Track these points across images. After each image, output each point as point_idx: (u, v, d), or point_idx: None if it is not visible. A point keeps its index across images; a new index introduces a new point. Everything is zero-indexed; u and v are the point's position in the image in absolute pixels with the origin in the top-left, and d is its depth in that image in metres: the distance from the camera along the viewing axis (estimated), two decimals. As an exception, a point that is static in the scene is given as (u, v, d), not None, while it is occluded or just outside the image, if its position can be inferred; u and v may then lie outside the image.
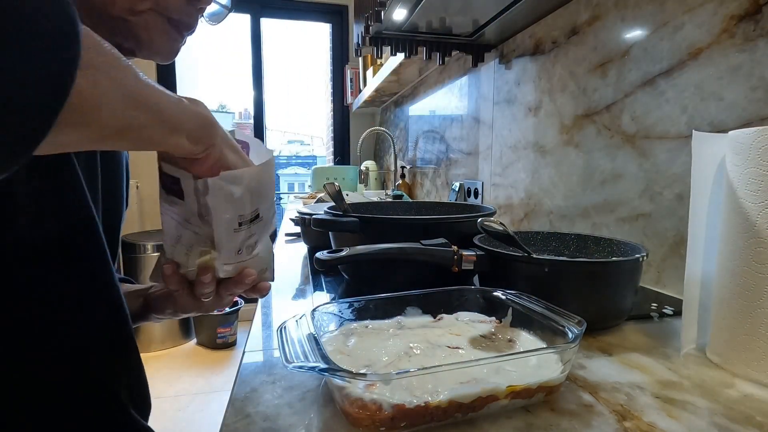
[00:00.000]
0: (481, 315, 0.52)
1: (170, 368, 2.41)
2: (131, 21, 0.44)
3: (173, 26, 0.47)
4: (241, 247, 0.41)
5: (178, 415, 2.00)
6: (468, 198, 1.51)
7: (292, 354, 0.37)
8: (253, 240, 0.42)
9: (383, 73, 1.95)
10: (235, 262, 0.42)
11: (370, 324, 0.50)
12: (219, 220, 0.37)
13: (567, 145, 0.98)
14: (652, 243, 0.75)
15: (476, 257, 0.60)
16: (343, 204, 0.82)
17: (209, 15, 0.53)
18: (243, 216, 0.39)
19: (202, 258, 0.42)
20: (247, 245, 0.42)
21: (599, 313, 0.54)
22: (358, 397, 0.34)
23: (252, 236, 0.41)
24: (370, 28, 1.16)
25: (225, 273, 0.42)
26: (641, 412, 0.38)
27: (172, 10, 0.45)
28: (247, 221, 0.40)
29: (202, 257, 0.42)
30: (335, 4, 3.21)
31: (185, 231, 0.40)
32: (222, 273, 0.42)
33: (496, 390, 0.36)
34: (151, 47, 0.47)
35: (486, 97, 1.39)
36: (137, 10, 0.43)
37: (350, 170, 2.70)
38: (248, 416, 0.38)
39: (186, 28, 0.49)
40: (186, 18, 0.47)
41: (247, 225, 0.40)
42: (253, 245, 0.42)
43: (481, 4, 1.01)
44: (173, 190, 0.38)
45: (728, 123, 0.62)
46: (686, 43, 0.69)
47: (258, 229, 0.41)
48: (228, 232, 0.39)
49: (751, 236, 0.43)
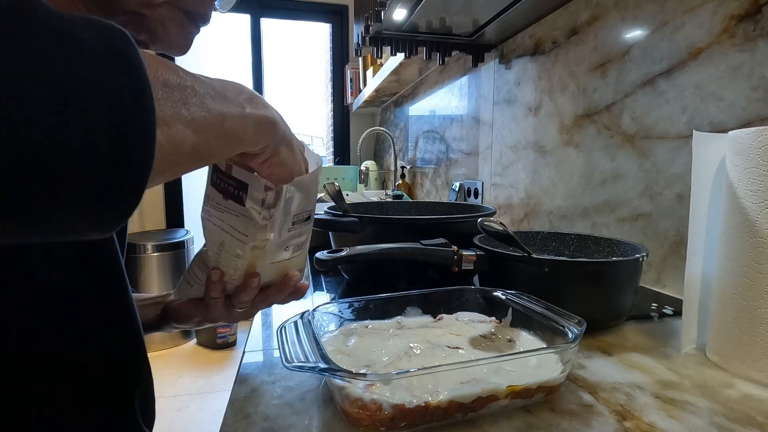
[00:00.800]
0: (481, 315, 0.52)
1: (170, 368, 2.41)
2: (147, 15, 0.43)
3: (190, 19, 0.46)
4: (290, 246, 0.42)
5: (178, 415, 2.00)
6: (468, 198, 1.51)
7: (292, 354, 0.37)
8: (301, 240, 0.43)
9: (383, 73, 1.95)
10: (282, 260, 0.43)
11: (370, 324, 0.50)
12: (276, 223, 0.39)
13: (567, 145, 0.98)
14: (652, 243, 0.75)
15: (476, 257, 0.60)
16: (343, 204, 0.82)
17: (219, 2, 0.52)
18: (297, 216, 0.41)
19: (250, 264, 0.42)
20: (295, 244, 0.43)
21: (599, 313, 0.54)
22: (358, 397, 0.34)
23: (300, 235, 0.43)
24: (370, 28, 1.16)
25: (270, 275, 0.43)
26: (641, 412, 0.38)
27: (190, 2, 0.45)
28: (300, 221, 0.41)
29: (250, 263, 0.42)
30: (335, 4, 3.21)
31: (230, 238, 0.40)
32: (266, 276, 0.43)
33: (496, 390, 0.36)
34: (167, 40, 0.46)
35: (486, 97, 1.39)
36: (153, 4, 0.42)
37: (350, 170, 2.70)
38: (248, 416, 0.38)
39: (202, 19, 0.48)
40: (202, 9, 0.47)
41: (299, 225, 0.41)
42: (299, 245, 0.44)
43: (481, 4, 1.01)
44: (234, 195, 0.38)
45: (728, 123, 0.62)
46: (686, 43, 0.69)
47: (306, 230, 0.43)
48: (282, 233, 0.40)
49: (751, 236, 0.43)
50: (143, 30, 0.45)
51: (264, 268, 0.42)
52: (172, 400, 2.11)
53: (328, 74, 3.42)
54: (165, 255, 2.55)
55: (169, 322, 0.53)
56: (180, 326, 0.53)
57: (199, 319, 0.49)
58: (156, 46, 0.47)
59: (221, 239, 0.41)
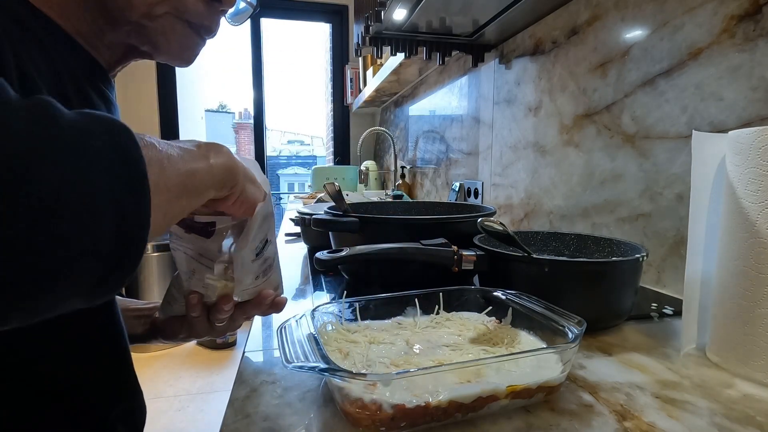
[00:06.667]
0: (481, 315, 0.52)
1: (170, 368, 2.40)
2: (149, 26, 0.43)
3: (193, 30, 0.46)
4: (258, 273, 0.44)
5: (178, 415, 2.00)
6: (468, 198, 1.51)
7: (292, 354, 0.37)
8: (267, 264, 0.45)
9: (383, 73, 1.95)
10: (253, 287, 0.45)
11: (370, 324, 0.50)
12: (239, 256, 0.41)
13: (567, 145, 0.98)
14: (652, 243, 0.75)
15: (476, 257, 0.60)
16: (343, 204, 0.82)
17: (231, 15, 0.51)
18: (258, 246, 0.42)
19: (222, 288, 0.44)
20: (263, 270, 0.45)
21: (599, 313, 0.54)
22: (358, 397, 0.34)
23: (266, 261, 0.44)
24: (370, 28, 1.16)
25: (243, 298, 0.45)
26: (641, 412, 0.38)
27: (192, 13, 0.44)
28: (261, 249, 0.43)
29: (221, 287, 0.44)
30: (335, 4, 3.21)
31: (199, 265, 0.43)
32: (241, 298, 0.45)
33: (496, 390, 0.36)
34: (170, 51, 0.46)
35: (486, 97, 1.39)
36: (154, 15, 0.42)
37: (350, 170, 2.70)
38: (248, 416, 0.38)
39: (207, 31, 0.47)
40: (206, 21, 0.46)
41: (261, 253, 0.43)
42: (267, 269, 0.45)
43: (481, 4, 1.01)
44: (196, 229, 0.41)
45: (728, 123, 0.62)
46: (686, 43, 0.69)
47: (269, 253, 0.45)
48: (247, 264, 0.42)
49: (751, 236, 0.43)
50: (146, 41, 0.44)
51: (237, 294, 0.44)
52: (172, 400, 2.11)
53: (328, 74, 3.42)
54: (165, 255, 2.55)
55: (157, 337, 0.54)
56: (168, 342, 0.54)
57: (185, 335, 0.50)
58: (159, 56, 0.47)
59: (192, 267, 0.43)
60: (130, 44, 0.46)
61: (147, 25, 0.43)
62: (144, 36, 0.44)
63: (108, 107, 0.47)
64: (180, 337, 0.50)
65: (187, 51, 0.47)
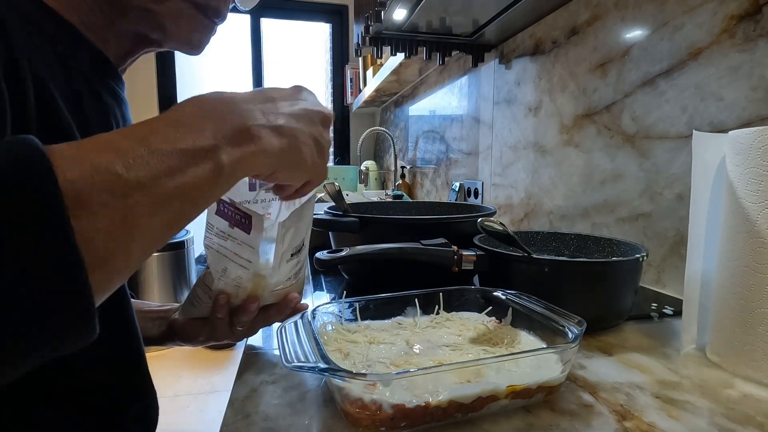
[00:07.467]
0: (481, 315, 0.52)
1: (170, 368, 2.40)
2: (155, 10, 0.42)
3: (201, 12, 0.45)
4: (290, 274, 0.45)
5: (178, 415, 2.00)
6: (468, 198, 1.51)
7: (292, 354, 0.37)
8: (299, 266, 0.46)
9: (383, 73, 1.95)
10: (282, 288, 0.45)
11: (370, 324, 0.50)
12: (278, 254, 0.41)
13: (567, 145, 0.98)
14: (652, 243, 0.75)
15: (476, 257, 0.60)
16: (343, 204, 0.82)
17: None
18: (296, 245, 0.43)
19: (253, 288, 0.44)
20: (295, 272, 0.45)
21: (599, 313, 0.54)
22: (358, 397, 0.34)
23: (299, 263, 0.45)
24: (370, 28, 1.16)
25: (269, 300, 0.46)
26: (641, 412, 0.38)
27: None
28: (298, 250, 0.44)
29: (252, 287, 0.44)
30: (335, 4, 3.21)
31: (231, 263, 0.42)
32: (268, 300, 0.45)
33: (496, 390, 0.36)
34: (179, 37, 0.45)
35: (486, 97, 1.39)
36: None
37: (350, 170, 2.70)
38: (248, 416, 0.38)
39: (215, 13, 0.46)
40: (213, 2, 0.45)
41: (297, 254, 0.44)
42: (298, 272, 0.46)
43: (481, 4, 1.01)
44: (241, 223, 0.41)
45: (728, 123, 0.62)
46: (686, 43, 0.69)
47: (302, 255, 0.46)
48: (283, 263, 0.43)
49: (751, 236, 0.43)
50: (155, 27, 0.44)
51: (264, 294, 0.44)
52: (172, 400, 2.11)
53: (328, 74, 3.42)
54: (165, 255, 2.54)
55: (174, 340, 0.54)
56: (185, 344, 0.54)
57: (204, 337, 0.50)
58: (169, 43, 0.46)
59: (224, 265, 0.43)
60: (139, 33, 0.45)
61: (154, 9, 0.42)
62: (152, 21, 0.43)
63: (119, 105, 0.47)
64: (200, 339, 0.50)
65: (196, 34, 0.46)
